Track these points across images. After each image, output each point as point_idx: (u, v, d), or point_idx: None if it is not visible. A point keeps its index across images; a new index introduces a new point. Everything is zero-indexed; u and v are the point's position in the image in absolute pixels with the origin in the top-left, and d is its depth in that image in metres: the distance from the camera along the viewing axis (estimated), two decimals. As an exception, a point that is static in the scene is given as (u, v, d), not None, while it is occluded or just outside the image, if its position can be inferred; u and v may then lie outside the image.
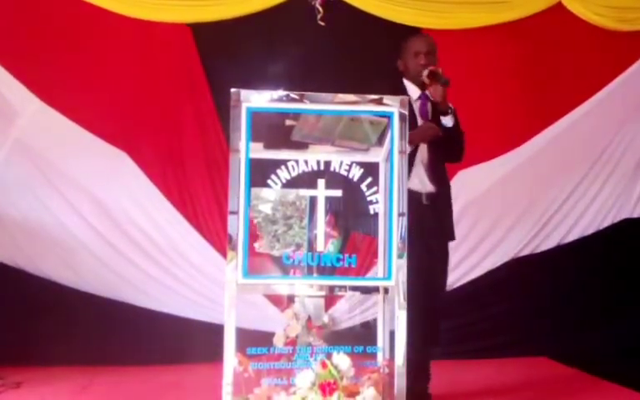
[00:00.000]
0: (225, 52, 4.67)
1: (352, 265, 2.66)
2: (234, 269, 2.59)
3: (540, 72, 4.96)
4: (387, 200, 2.66)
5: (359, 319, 4.55)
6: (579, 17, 4.98)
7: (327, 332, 2.73)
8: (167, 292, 4.64)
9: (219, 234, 4.58)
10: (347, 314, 4.49)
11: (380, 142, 2.74)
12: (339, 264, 2.66)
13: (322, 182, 2.67)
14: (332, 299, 4.30)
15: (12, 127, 4.43)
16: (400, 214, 2.64)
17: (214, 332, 3.33)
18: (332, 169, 2.68)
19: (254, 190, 2.62)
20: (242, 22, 4.65)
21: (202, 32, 4.66)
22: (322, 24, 4.65)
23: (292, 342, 2.68)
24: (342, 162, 2.68)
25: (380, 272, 2.70)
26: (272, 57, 4.61)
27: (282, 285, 2.74)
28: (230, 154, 2.63)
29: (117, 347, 4.48)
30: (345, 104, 2.70)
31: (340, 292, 2.95)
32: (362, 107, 2.71)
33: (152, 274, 4.62)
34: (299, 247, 2.66)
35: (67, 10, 4.50)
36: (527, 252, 5.03)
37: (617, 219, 5.14)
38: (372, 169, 2.70)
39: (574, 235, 5.08)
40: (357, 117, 2.72)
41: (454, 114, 3.56)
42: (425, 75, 3.51)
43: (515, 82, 4.93)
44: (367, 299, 4.40)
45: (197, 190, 4.70)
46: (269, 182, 2.64)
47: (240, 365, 2.55)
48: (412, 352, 2.71)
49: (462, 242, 4.56)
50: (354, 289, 2.83)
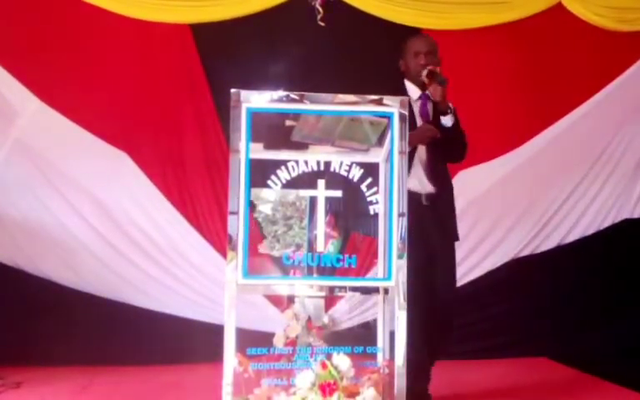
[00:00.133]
0: (225, 52, 4.67)
1: (352, 265, 2.66)
2: (234, 269, 2.58)
3: (540, 73, 4.96)
4: (387, 200, 2.66)
5: (359, 320, 4.56)
6: (579, 18, 4.98)
7: (327, 332, 2.72)
8: (167, 292, 4.65)
9: (219, 234, 4.59)
10: (347, 315, 4.50)
11: (380, 142, 2.73)
12: (339, 265, 2.66)
13: (322, 183, 2.66)
14: (332, 300, 4.30)
15: (12, 127, 4.44)
16: (400, 214, 2.64)
17: (214, 332, 3.32)
18: (332, 170, 2.67)
19: (254, 190, 2.62)
20: (242, 23, 4.65)
21: (202, 32, 4.67)
22: (322, 24, 4.65)
23: (292, 343, 2.67)
24: (342, 162, 2.67)
25: (380, 272, 2.70)
26: (272, 57, 4.61)
27: (282, 285, 2.73)
28: (230, 154, 2.62)
29: (117, 347, 4.48)
30: (345, 104, 2.70)
31: (340, 293, 2.96)
32: (362, 107, 2.70)
33: (152, 274, 4.62)
34: (299, 247, 2.66)
35: (67, 10, 4.51)
36: (527, 252, 5.03)
37: (617, 219, 5.14)
38: (372, 169, 2.69)
39: (574, 235, 5.08)
40: (357, 117, 2.72)
41: (454, 114, 3.54)
42: (424, 75, 3.51)
43: (515, 83, 4.93)
44: (367, 300, 4.42)
45: (197, 190, 4.70)
46: (269, 182, 2.64)
47: (240, 365, 2.54)
48: (413, 352, 2.71)
49: (462, 242, 4.49)
50: (354, 290, 2.83)
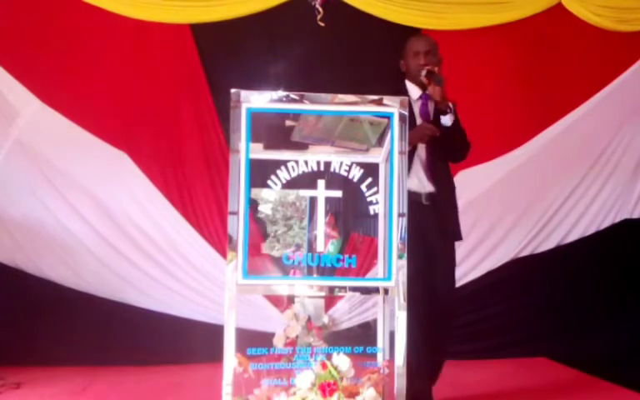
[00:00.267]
0: (225, 52, 4.67)
1: (352, 266, 2.66)
2: (234, 269, 2.58)
3: (540, 73, 4.97)
4: (387, 200, 2.66)
5: (359, 320, 4.56)
6: (579, 18, 4.98)
7: (327, 332, 2.73)
8: (167, 293, 4.64)
9: (219, 234, 4.59)
10: (347, 315, 4.50)
11: (380, 142, 2.73)
12: (339, 265, 2.66)
13: (322, 183, 2.67)
14: (332, 300, 4.32)
15: (12, 127, 4.44)
16: (400, 215, 2.64)
17: (214, 332, 3.32)
18: (332, 170, 2.67)
19: (254, 190, 2.63)
20: (242, 22, 4.65)
21: (202, 32, 4.67)
22: (322, 24, 4.65)
23: (292, 343, 2.68)
24: (342, 162, 2.67)
25: (380, 272, 2.70)
26: (272, 57, 4.62)
27: (282, 285, 2.73)
28: (230, 155, 2.63)
29: (117, 347, 4.48)
30: (345, 105, 2.70)
31: (340, 293, 2.96)
32: (362, 107, 2.70)
33: (152, 274, 4.62)
34: (299, 247, 2.66)
35: (66, 10, 4.51)
36: (527, 252, 5.02)
37: (617, 219, 5.13)
38: (372, 170, 2.70)
39: (574, 235, 5.08)
40: (357, 117, 2.72)
41: (455, 113, 3.53)
42: (423, 75, 3.51)
43: (515, 83, 4.93)
44: (367, 300, 4.42)
45: (197, 190, 4.70)
46: (269, 182, 2.64)
47: (240, 365, 2.55)
48: (413, 352, 2.71)
49: (462, 242, 4.54)
50: (354, 290, 2.83)
